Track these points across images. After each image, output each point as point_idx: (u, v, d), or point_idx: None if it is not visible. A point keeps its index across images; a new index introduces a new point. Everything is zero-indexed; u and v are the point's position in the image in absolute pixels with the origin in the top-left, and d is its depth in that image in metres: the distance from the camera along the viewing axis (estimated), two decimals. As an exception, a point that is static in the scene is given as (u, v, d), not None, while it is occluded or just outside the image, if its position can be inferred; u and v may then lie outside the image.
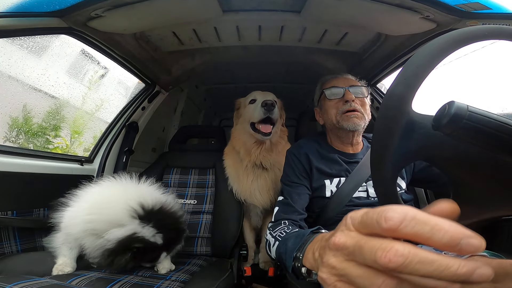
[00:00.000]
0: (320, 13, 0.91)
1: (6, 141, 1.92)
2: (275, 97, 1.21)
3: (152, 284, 0.74)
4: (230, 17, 0.96)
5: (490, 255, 0.60)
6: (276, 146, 1.20)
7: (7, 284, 0.59)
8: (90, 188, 0.85)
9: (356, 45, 1.15)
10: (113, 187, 0.86)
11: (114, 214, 0.77)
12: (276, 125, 1.15)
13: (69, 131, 2.37)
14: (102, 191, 0.84)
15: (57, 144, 2.26)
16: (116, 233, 0.74)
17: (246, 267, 1.18)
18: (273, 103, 1.07)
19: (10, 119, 1.93)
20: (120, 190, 0.85)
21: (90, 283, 0.70)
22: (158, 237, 0.79)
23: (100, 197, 0.82)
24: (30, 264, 0.79)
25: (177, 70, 1.37)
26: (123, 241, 0.74)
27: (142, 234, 0.76)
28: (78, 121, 2.45)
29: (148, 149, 1.64)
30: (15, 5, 0.74)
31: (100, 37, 0.95)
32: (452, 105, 0.30)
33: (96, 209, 0.77)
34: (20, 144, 2.04)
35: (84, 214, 0.77)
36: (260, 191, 1.17)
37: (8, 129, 1.94)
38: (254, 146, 1.18)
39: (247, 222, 1.34)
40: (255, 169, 1.18)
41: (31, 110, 2.03)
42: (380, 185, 0.38)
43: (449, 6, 0.75)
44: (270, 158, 1.17)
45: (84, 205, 0.79)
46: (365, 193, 0.87)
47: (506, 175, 0.33)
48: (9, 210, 0.84)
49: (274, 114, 1.08)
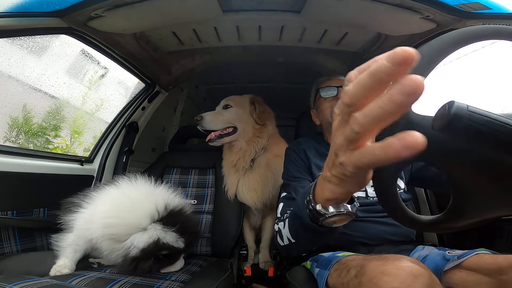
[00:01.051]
0: (320, 13, 0.91)
1: (6, 141, 1.92)
2: (227, 101, 1.26)
3: (152, 284, 0.73)
4: (230, 17, 0.96)
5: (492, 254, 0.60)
6: (249, 145, 1.20)
7: (7, 284, 0.59)
8: (107, 190, 0.83)
9: (356, 45, 1.15)
10: (132, 189, 0.85)
11: (135, 218, 0.75)
12: (240, 126, 1.20)
13: (69, 131, 2.37)
14: (121, 193, 0.83)
15: (57, 144, 2.26)
16: (139, 239, 0.73)
17: (246, 267, 1.18)
18: (198, 118, 1.20)
19: (10, 119, 1.93)
20: (139, 192, 0.83)
21: (90, 283, 0.70)
22: (181, 242, 0.79)
23: (119, 200, 0.80)
24: (30, 264, 0.79)
25: (177, 70, 1.37)
26: (149, 248, 0.73)
27: (166, 240, 0.76)
28: (78, 121, 2.45)
29: (148, 149, 1.63)
30: (15, 5, 0.74)
31: (100, 37, 0.95)
32: (452, 105, 0.30)
33: (116, 212, 0.76)
34: (20, 144, 2.04)
35: (103, 217, 0.75)
36: (246, 190, 1.19)
37: (8, 129, 1.93)
38: (229, 149, 1.24)
39: (247, 222, 1.34)
40: (239, 169, 1.21)
41: (31, 110, 2.03)
42: (380, 186, 0.38)
43: (449, 6, 0.75)
44: (244, 159, 1.19)
45: (103, 208, 0.77)
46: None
47: (506, 175, 0.33)
48: (9, 210, 0.84)
49: (204, 125, 1.19)
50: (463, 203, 0.38)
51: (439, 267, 0.64)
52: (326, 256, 0.77)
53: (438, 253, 0.70)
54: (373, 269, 0.51)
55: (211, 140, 1.19)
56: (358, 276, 0.54)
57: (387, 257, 0.54)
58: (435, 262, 0.66)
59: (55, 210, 0.91)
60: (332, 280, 0.65)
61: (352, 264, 0.60)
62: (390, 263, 0.50)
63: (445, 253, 0.67)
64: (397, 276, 0.46)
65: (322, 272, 0.70)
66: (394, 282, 0.46)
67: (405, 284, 0.45)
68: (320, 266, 0.74)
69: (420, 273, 0.46)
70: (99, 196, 0.81)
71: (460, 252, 0.65)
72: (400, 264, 0.48)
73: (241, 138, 1.20)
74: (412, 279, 0.45)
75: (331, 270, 0.67)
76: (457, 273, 0.61)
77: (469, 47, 0.36)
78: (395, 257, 0.53)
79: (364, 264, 0.54)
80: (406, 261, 0.50)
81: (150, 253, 0.74)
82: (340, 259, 0.68)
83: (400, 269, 0.47)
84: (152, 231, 0.75)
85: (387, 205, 0.40)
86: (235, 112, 1.22)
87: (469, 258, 0.60)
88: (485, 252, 0.62)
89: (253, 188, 1.20)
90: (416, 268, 0.47)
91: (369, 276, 0.50)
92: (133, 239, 0.73)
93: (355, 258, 0.65)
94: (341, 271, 0.62)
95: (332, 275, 0.66)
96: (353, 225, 0.80)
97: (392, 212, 0.41)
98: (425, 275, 0.46)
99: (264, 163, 1.21)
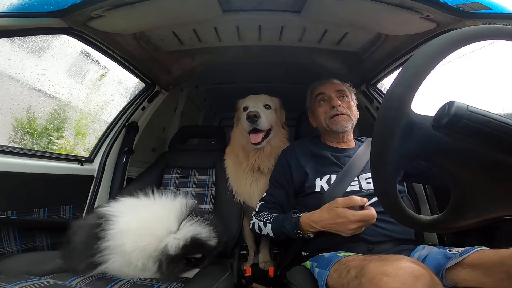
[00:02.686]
0: (320, 13, 0.91)
1: (10, 142, 1.92)
2: (267, 100, 1.19)
3: (152, 284, 0.73)
4: (230, 17, 0.96)
5: None
6: (275, 150, 1.17)
7: (7, 284, 0.59)
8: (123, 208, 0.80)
9: (356, 45, 1.15)
10: (148, 201, 0.84)
11: (165, 223, 0.75)
12: (273, 129, 1.16)
13: (72, 132, 2.37)
14: (140, 205, 0.82)
15: (61, 145, 2.26)
16: (173, 241, 0.72)
17: (246, 267, 1.18)
18: (257, 114, 1.06)
19: (15, 121, 1.93)
20: (157, 201, 0.84)
21: (90, 283, 0.70)
22: (213, 238, 0.80)
23: (142, 213, 0.79)
24: (30, 264, 0.79)
25: (177, 70, 1.37)
26: (186, 248, 0.73)
27: (203, 235, 0.77)
28: (81, 122, 2.44)
29: (148, 149, 1.64)
30: (15, 5, 0.74)
31: (100, 37, 0.95)
32: (452, 105, 0.30)
33: (144, 225, 0.75)
34: (25, 145, 2.03)
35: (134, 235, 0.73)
36: (259, 194, 1.15)
37: (12, 131, 1.93)
38: (252, 151, 1.17)
39: (247, 222, 1.34)
40: (253, 173, 1.18)
41: (34, 111, 2.03)
42: (380, 185, 0.38)
43: (449, 6, 0.75)
44: (269, 163, 1.16)
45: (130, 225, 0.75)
46: (357, 186, 0.89)
47: (506, 175, 0.33)
48: (9, 210, 0.84)
49: (261, 124, 1.08)
50: (463, 203, 0.38)
51: (441, 265, 0.65)
52: (326, 256, 0.77)
53: (439, 251, 0.70)
54: (374, 270, 0.51)
55: (259, 142, 1.09)
56: (358, 276, 0.54)
57: (387, 257, 0.54)
58: (436, 261, 0.66)
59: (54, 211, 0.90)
60: (332, 280, 0.65)
61: (352, 264, 0.60)
62: (390, 263, 0.50)
63: (446, 252, 0.67)
64: (397, 277, 0.46)
65: (322, 272, 0.70)
66: (394, 283, 0.46)
67: (406, 285, 0.45)
68: (320, 266, 0.74)
69: (421, 273, 0.46)
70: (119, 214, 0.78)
71: (461, 250, 0.65)
72: (400, 265, 0.48)
73: (270, 141, 1.16)
74: (413, 279, 0.45)
75: (330, 271, 0.67)
76: (460, 269, 0.61)
77: (469, 47, 0.36)
78: (395, 258, 0.53)
79: (364, 265, 0.54)
80: (407, 261, 0.50)
81: (187, 254, 0.73)
82: (340, 259, 0.68)
83: (401, 269, 0.47)
84: (185, 230, 0.74)
85: (388, 205, 0.40)
86: (274, 114, 1.17)
87: (471, 255, 0.61)
88: (486, 249, 0.62)
89: (264, 192, 1.17)
90: (417, 269, 0.47)
91: (369, 276, 0.50)
92: (167, 241, 0.72)
93: (355, 258, 0.65)
94: (341, 271, 0.62)
95: (332, 275, 0.66)
96: None
97: (392, 212, 0.41)
98: (426, 276, 0.46)
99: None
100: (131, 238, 0.71)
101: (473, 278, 0.59)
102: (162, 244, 0.72)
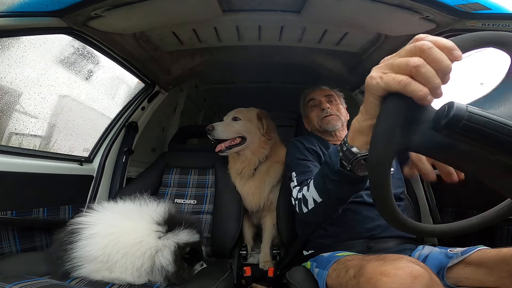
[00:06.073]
0: (320, 13, 0.91)
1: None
2: (237, 113, 1.27)
3: (151, 284, 0.73)
4: (230, 17, 0.96)
5: None
6: (255, 155, 1.24)
7: (7, 284, 0.59)
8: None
9: (356, 45, 1.15)
10: (118, 219, 0.82)
11: (141, 245, 0.74)
12: (248, 138, 1.24)
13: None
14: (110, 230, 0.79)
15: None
16: (162, 259, 0.74)
17: (246, 267, 1.18)
18: (209, 127, 1.22)
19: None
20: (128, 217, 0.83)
21: (90, 283, 0.70)
22: (195, 234, 0.83)
23: (112, 239, 0.76)
24: (30, 264, 0.79)
25: (177, 70, 1.37)
26: (176, 256, 0.75)
27: (184, 240, 0.78)
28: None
29: (148, 149, 1.63)
30: (15, 5, 0.74)
31: (100, 37, 0.95)
32: (451, 105, 0.30)
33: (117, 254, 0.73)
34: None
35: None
36: (246, 195, 1.26)
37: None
38: (232, 159, 1.29)
39: (247, 220, 1.37)
40: (244, 177, 1.26)
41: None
42: (377, 193, 0.38)
43: (449, 6, 0.75)
44: (249, 169, 1.24)
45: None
46: None
47: (505, 176, 0.33)
48: (9, 210, 0.84)
49: (217, 135, 1.22)
50: (463, 202, 0.38)
51: (442, 264, 0.65)
52: (326, 256, 0.77)
53: (440, 251, 0.70)
54: (372, 270, 0.50)
55: (221, 150, 1.22)
56: (357, 276, 0.54)
57: (386, 257, 0.54)
58: (438, 260, 0.67)
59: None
60: (331, 280, 0.65)
61: (350, 264, 0.60)
62: (389, 263, 0.49)
63: (447, 251, 0.68)
64: (396, 277, 0.46)
65: (321, 272, 0.71)
66: (393, 283, 0.45)
67: (404, 285, 0.44)
68: (320, 266, 0.74)
69: (420, 273, 0.46)
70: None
71: (462, 249, 0.65)
72: (399, 265, 0.48)
73: (248, 149, 1.25)
74: (412, 279, 0.45)
75: (329, 270, 0.67)
76: (463, 268, 0.61)
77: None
78: (394, 257, 0.52)
79: (363, 265, 0.54)
80: (406, 261, 0.50)
81: (179, 259, 0.76)
82: (338, 259, 0.68)
83: (400, 269, 0.47)
84: (167, 243, 0.76)
85: (382, 209, 0.39)
86: (244, 124, 1.26)
87: (473, 254, 0.61)
88: (487, 248, 0.62)
89: (251, 194, 1.26)
90: (416, 269, 0.47)
91: (367, 276, 0.50)
92: (159, 261, 0.73)
93: (353, 258, 0.64)
94: (340, 271, 0.62)
95: (331, 275, 0.66)
96: (356, 208, 0.85)
97: (387, 217, 0.40)
98: (425, 276, 0.46)
99: (264, 170, 1.27)
100: (100, 245, 0.72)
101: (475, 276, 0.59)
102: (156, 264, 0.74)
